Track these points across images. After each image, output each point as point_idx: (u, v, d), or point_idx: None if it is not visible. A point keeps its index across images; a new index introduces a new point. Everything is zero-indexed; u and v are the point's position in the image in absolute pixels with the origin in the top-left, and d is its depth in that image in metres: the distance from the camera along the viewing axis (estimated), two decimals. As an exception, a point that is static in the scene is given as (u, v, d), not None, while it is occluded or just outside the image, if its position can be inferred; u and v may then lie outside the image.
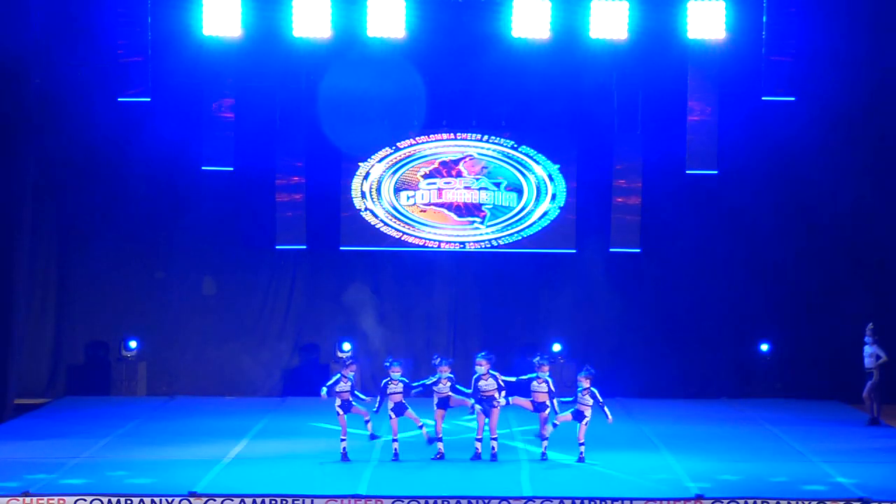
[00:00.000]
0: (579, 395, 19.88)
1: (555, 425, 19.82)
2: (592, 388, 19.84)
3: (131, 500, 17.09)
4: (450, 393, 19.94)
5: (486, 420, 19.78)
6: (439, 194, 26.71)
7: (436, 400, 19.96)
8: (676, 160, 26.28)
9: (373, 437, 20.23)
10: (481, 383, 19.77)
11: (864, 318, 24.15)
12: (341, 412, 19.85)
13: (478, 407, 19.77)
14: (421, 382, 20.15)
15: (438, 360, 20.09)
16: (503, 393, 19.79)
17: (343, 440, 19.84)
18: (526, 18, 25.10)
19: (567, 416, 19.83)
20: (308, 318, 27.17)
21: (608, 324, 26.88)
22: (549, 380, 19.90)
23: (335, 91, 26.14)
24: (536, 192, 26.64)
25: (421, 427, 19.91)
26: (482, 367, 19.81)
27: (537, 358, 20.02)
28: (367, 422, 20.09)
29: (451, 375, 19.94)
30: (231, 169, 26.28)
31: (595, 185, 26.67)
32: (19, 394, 25.58)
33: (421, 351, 26.17)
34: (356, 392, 20.03)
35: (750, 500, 17.19)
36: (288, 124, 26.39)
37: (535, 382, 19.91)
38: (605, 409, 19.75)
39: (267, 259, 26.96)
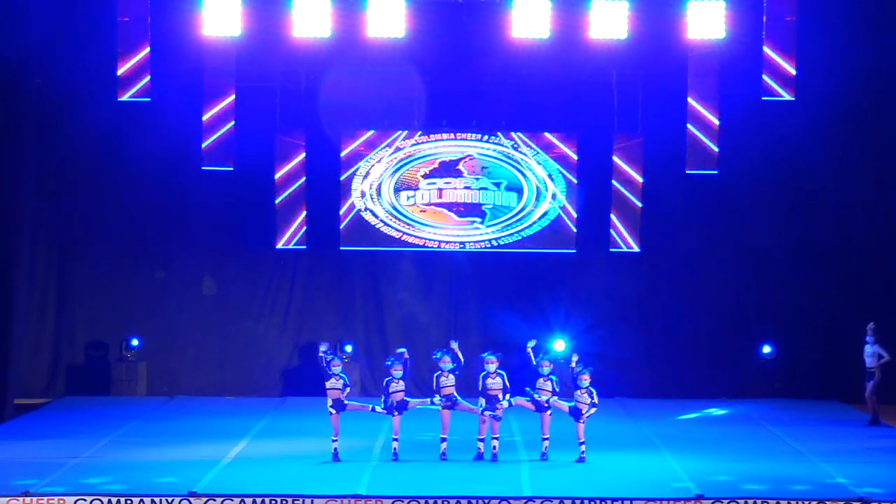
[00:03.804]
0: (577, 393, 19.91)
1: (510, 404, 19.84)
2: (591, 388, 19.88)
3: (131, 500, 17.08)
4: (456, 395, 19.95)
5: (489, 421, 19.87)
6: (439, 194, 26.71)
7: (441, 400, 19.97)
8: (676, 160, 26.27)
9: (373, 409, 20.18)
10: (489, 381, 19.81)
11: (864, 318, 24.14)
12: (334, 412, 19.83)
13: (488, 413, 19.80)
14: (429, 398, 20.18)
15: (439, 353, 20.11)
16: (507, 395, 19.84)
17: (335, 441, 19.79)
18: (526, 18, 25.09)
19: (526, 402, 19.88)
20: (308, 318, 27.18)
21: (608, 324, 26.87)
22: (554, 378, 19.94)
23: (335, 91, 26.14)
24: (536, 192, 26.65)
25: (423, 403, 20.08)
26: (492, 364, 19.85)
27: (541, 355, 20.07)
28: (372, 409, 20.10)
29: (453, 366, 19.95)
30: (231, 169, 26.28)
31: (595, 185, 26.67)
32: (19, 394, 25.61)
33: (421, 351, 26.14)
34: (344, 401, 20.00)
35: (750, 500, 17.19)
36: (288, 124, 26.39)
37: (540, 380, 19.95)
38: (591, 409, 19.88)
39: (267, 259, 26.97)
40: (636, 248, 26.53)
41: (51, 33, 25.70)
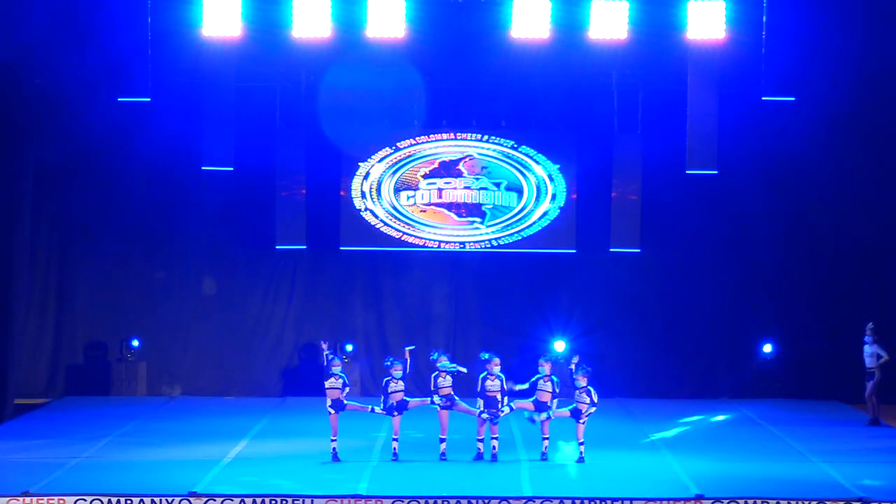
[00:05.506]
0: (577, 393, 19.93)
1: (512, 408, 19.85)
2: (589, 387, 19.89)
3: (131, 500, 17.10)
4: (453, 395, 19.97)
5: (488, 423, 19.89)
6: (439, 194, 26.70)
7: (439, 400, 19.99)
8: (676, 160, 26.24)
9: (372, 410, 20.17)
10: (488, 383, 19.83)
11: (864, 317, 24.16)
12: (333, 412, 19.84)
13: (485, 415, 19.81)
14: (428, 398, 20.18)
15: (436, 354, 20.12)
16: (506, 399, 19.84)
17: (333, 440, 19.82)
18: (526, 18, 25.04)
19: (527, 404, 19.88)
20: (308, 318, 27.18)
21: (608, 324, 26.87)
22: (554, 379, 19.94)
23: (335, 91, 26.13)
24: (536, 192, 26.64)
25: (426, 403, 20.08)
26: (495, 367, 19.85)
27: (542, 358, 20.09)
28: (371, 410, 20.09)
29: (452, 367, 19.95)
30: (231, 169, 26.26)
31: (595, 186, 26.66)
32: (19, 394, 25.59)
33: (420, 351, 26.12)
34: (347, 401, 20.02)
35: (750, 500, 17.20)
36: (288, 124, 26.37)
37: (541, 381, 19.96)
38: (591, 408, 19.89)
39: (267, 259, 26.97)
40: (636, 248, 26.52)
41: (51, 33, 25.66)
